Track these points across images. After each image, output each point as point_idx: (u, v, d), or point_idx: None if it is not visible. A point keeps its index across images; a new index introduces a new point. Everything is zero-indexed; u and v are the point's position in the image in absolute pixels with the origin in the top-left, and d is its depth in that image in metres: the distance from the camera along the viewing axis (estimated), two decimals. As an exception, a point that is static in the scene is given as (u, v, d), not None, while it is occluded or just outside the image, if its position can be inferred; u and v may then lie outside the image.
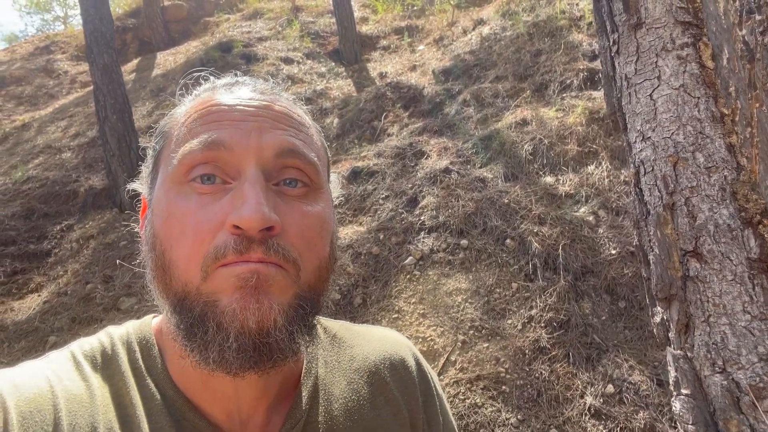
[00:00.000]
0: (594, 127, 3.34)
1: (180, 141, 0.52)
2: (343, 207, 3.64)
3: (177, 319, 0.48)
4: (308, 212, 0.51)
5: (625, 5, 0.70)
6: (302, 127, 0.54)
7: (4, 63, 10.62)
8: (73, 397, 0.49)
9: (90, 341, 0.56)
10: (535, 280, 2.58)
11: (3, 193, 5.24)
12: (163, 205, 0.50)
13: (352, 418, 0.60)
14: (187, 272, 0.47)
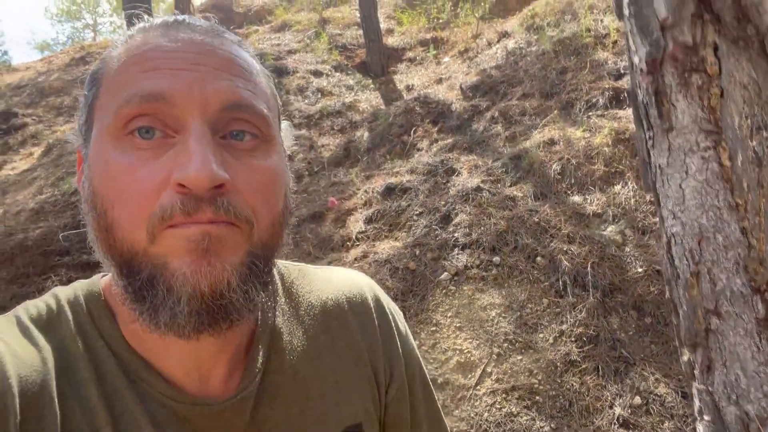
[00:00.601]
0: (620, 148, 3.50)
1: (115, 90, 0.48)
2: (379, 222, 3.84)
3: (124, 282, 0.46)
4: (260, 166, 0.49)
5: (659, 113, 0.88)
6: (249, 75, 0.51)
7: (42, 74, 11.07)
8: (22, 361, 0.47)
9: (36, 303, 0.54)
10: (566, 296, 2.76)
11: (53, 204, 5.56)
12: (100, 160, 0.47)
13: (311, 366, 0.60)
14: (131, 233, 0.45)
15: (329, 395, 0.60)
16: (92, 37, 23.79)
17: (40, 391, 0.47)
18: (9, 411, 0.44)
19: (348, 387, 0.62)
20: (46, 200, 5.64)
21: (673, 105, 0.85)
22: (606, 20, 5.45)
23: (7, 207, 5.75)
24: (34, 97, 9.88)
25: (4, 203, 5.95)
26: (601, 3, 5.82)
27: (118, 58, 0.50)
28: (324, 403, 0.59)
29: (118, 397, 0.50)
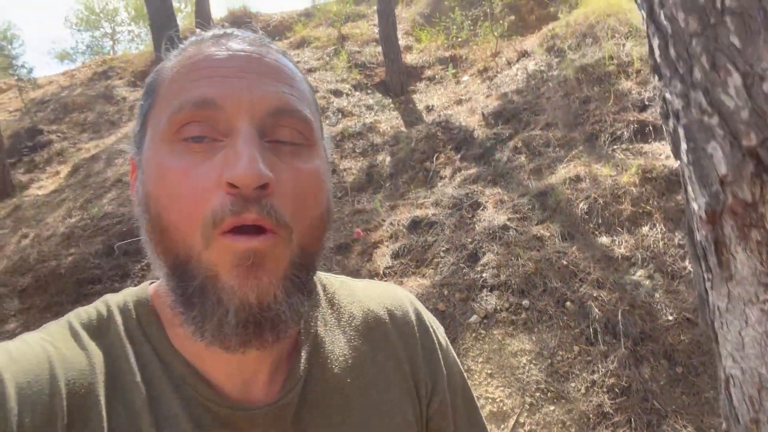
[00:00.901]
0: (647, 188, 3.52)
1: (169, 98, 0.51)
2: (406, 257, 3.90)
3: (175, 283, 0.48)
4: (303, 169, 0.51)
5: (719, 262, 0.92)
6: (294, 82, 0.54)
7: (65, 88, 11.27)
8: (71, 365, 0.50)
9: (87, 310, 0.56)
10: (596, 344, 2.79)
11: (83, 228, 5.68)
12: (155, 164, 0.50)
13: (352, 375, 0.61)
14: (188, 236, 0.47)
15: (370, 406, 0.61)
16: (111, 45, 24.06)
17: (87, 394, 0.49)
18: (57, 413, 0.46)
19: (389, 399, 0.62)
20: (76, 224, 5.76)
21: (732, 255, 0.90)
22: (628, 45, 5.46)
23: (38, 230, 5.89)
24: (57, 113, 10.06)
25: (34, 226, 6.09)
26: (622, 27, 5.82)
27: (172, 68, 0.53)
28: (365, 414, 0.60)
29: (163, 401, 0.51)
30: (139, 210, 0.52)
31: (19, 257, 5.42)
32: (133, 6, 22.02)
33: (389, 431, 0.60)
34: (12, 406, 0.44)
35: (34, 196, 7.25)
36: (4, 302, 4.76)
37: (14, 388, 0.46)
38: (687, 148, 0.99)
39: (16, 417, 0.44)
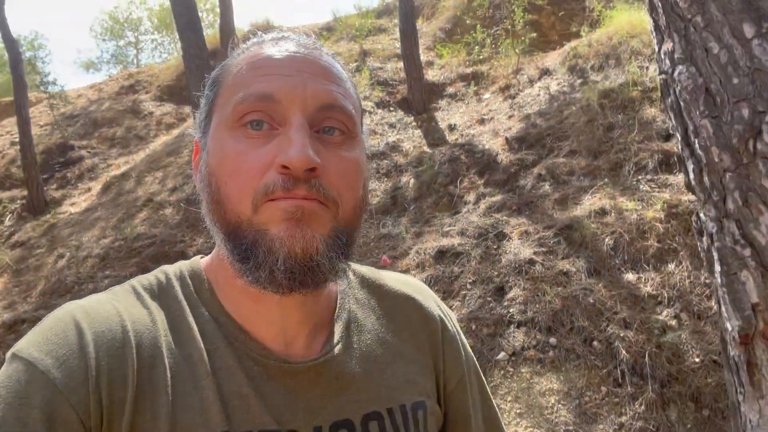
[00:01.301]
0: (673, 224, 3.56)
1: (233, 90, 0.59)
2: (433, 288, 3.98)
3: (231, 245, 0.56)
4: (346, 157, 0.58)
5: (751, 381, 1.01)
6: (341, 81, 0.61)
7: (93, 102, 11.56)
8: (138, 320, 0.58)
9: (147, 277, 0.65)
10: (624, 385, 2.86)
11: (117, 250, 5.87)
12: (218, 146, 0.58)
13: (382, 346, 0.69)
14: (240, 204, 0.55)
15: (398, 372, 0.68)
16: (134, 54, 24.49)
17: (153, 344, 0.57)
18: (128, 358, 0.54)
19: (413, 370, 0.70)
20: (110, 246, 5.96)
21: (764, 377, 0.98)
22: (651, 69, 5.48)
23: (74, 251, 6.10)
24: (87, 128, 10.33)
25: (70, 245, 6.30)
26: (645, 49, 5.84)
27: (236, 65, 0.61)
28: (394, 377, 0.67)
29: (218, 354, 0.59)
30: (201, 186, 0.61)
31: (57, 278, 5.63)
32: (157, 15, 22.41)
33: (415, 396, 0.68)
34: (91, 350, 0.53)
35: (68, 214, 7.49)
36: (45, 324, 4.96)
37: (92, 335, 0.54)
38: (721, 270, 1.07)
39: (94, 360, 0.53)
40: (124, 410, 0.53)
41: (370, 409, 0.64)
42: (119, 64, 23.94)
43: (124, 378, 0.54)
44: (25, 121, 8.19)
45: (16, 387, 0.50)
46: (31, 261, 6.36)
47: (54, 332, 0.54)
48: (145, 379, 0.55)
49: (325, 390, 0.62)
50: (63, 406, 0.50)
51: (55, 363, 0.51)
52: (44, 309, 5.15)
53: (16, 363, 0.52)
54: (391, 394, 0.66)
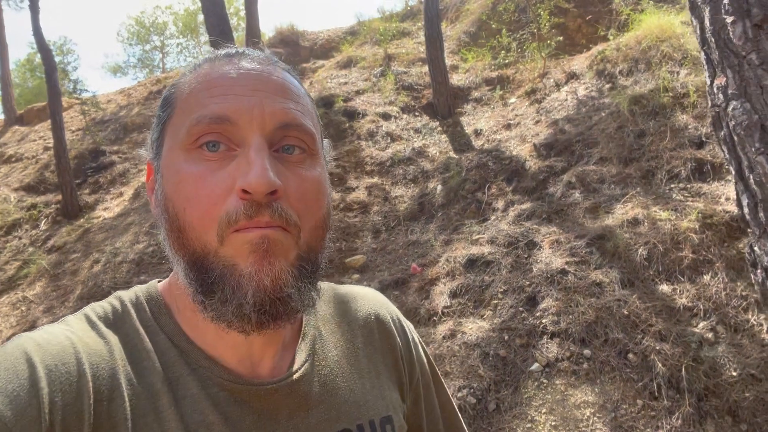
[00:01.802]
0: (708, 234, 3.53)
1: (187, 111, 0.57)
2: (464, 297, 4.01)
3: (194, 275, 0.54)
4: (306, 176, 0.58)
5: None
6: (299, 98, 0.60)
7: (123, 108, 11.82)
8: (93, 351, 0.55)
9: (101, 304, 0.62)
10: (660, 399, 2.85)
11: (151, 255, 6.01)
12: (173, 170, 0.56)
13: (349, 362, 0.70)
14: (204, 234, 0.53)
15: (366, 388, 0.69)
16: (160, 58, 24.88)
17: (110, 375, 0.54)
18: (84, 393, 0.52)
19: (380, 385, 0.72)
20: (144, 251, 6.10)
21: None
22: (682, 74, 5.42)
23: (109, 256, 6.26)
24: (118, 133, 10.56)
25: (105, 250, 6.47)
26: (675, 53, 5.78)
27: (189, 84, 0.59)
28: (362, 394, 0.69)
29: (181, 383, 0.57)
30: (157, 211, 0.59)
31: (93, 283, 5.79)
32: (182, 20, 22.75)
33: (382, 411, 0.70)
34: (43, 386, 0.49)
35: (101, 218, 7.68)
36: (84, 328, 5.11)
37: (44, 370, 0.50)
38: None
39: (47, 396, 0.49)
40: None
41: (341, 426, 0.65)
42: (145, 67, 24.37)
43: (80, 413, 0.51)
44: (59, 127, 8.42)
45: None
46: (68, 265, 6.55)
47: (3, 367, 0.50)
48: (103, 414, 0.52)
49: (294, 410, 0.62)
50: None
51: (3, 400, 0.48)
52: (82, 313, 5.31)
53: None
54: (359, 410, 0.67)
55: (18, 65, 26.34)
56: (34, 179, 9.48)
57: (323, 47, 11.49)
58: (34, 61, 26.20)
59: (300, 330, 0.69)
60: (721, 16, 1.11)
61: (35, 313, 5.69)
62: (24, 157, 10.54)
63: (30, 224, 8.23)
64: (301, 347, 0.67)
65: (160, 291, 0.65)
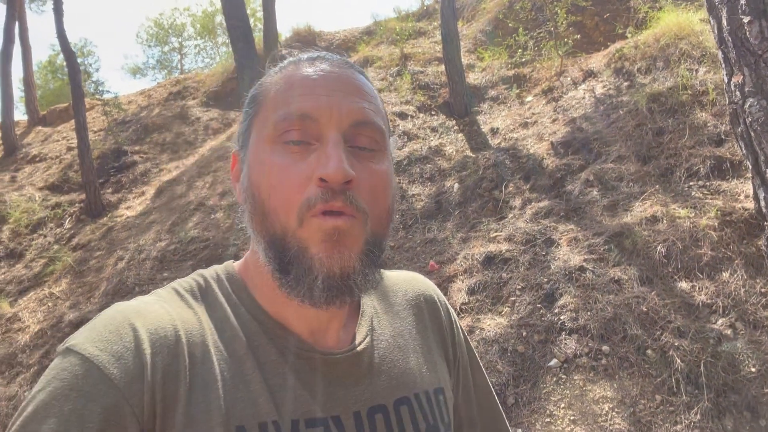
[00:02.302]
0: (727, 231, 3.54)
1: (273, 108, 0.64)
2: (482, 294, 4.06)
3: (273, 254, 0.60)
4: (376, 170, 0.64)
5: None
6: (372, 98, 0.66)
7: (144, 108, 12.02)
8: (185, 320, 0.62)
9: (186, 280, 0.69)
10: (679, 394, 2.87)
11: (173, 252, 6.14)
12: (259, 160, 0.63)
13: (403, 338, 0.77)
14: (286, 217, 0.59)
15: (420, 362, 0.76)
16: (178, 59, 25.17)
17: (201, 342, 0.61)
18: (180, 355, 0.58)
19: (432, 359, 0.78)
20: (167, 248, 6.23)
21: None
22: (701, 71, 5.40)
23: (132, 253, 6.40)
24: (139, 134, 10.75)
25: (128, 248, 6.61)
26: (694, 51, 5.75)
27: (274, 83, 0.67)
28: (417, 366, 0.75)
29: (261, 350, 0.64)
30: (243, 196, 0.66)
31: (118, 280, 5.93)
32: (200, 21, 23.01)
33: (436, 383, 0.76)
34: (146, 348, 0.56)
35: (124, 217, 7.84)
36: (109, 324, 5.25)
37: (146, 334, 0.57)
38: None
39: (149, 357, 0.56)
40: (177, 405, 0.56)
41: (400, 394, 0.70)
42: (164, 69, 24.69)
43: (177, 374, 0.57)
44: (82, 127, 8.60)
45: (72, 380, 0.52)
46: (92, 262, 6.71)
47: (108, 330, 0.56)
48: (197, 375, 0.58)
49: (359, 378, 0.68)
50: (119, 401, 0.52)
51: (110, 359, 0.53)
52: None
53: (71, 357, 0.54)
54: (415, 380, 0.73)
55: (39, 67, 26.82)
56: (58, 179, 9.70)
57: (340, 47, 11.58)
58: (55, 63, 26.67)
59: (358, 307, 0.76)
60: (738, 16, 1.15)
61: (62, 308, 5.84)
62: (48, 157, 10.78)
63: (54, 222, 8.43)
64: (362, 323, 0.74)
65: (237, 269, 0.72)
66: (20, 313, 6.00)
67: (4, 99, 11.72)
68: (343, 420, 0.64)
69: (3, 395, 4.77)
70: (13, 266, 7.53)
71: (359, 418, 0.66)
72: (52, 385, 0.52)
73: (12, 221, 8.42)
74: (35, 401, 0.52)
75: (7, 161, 11.15)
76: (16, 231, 8.28)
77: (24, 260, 7.55)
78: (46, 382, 0.53)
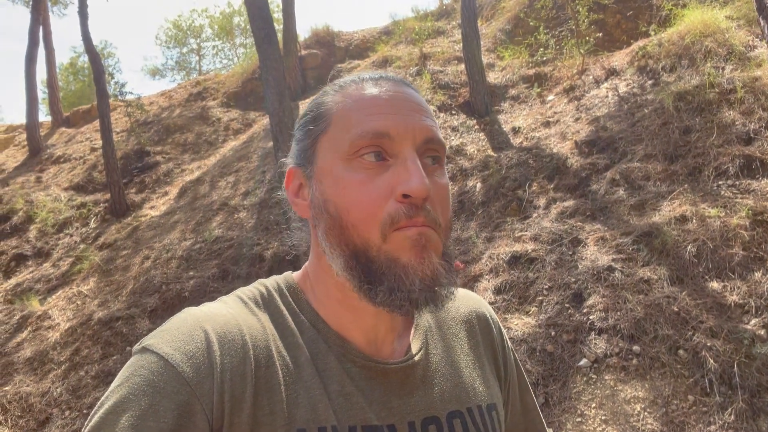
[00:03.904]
0: (759, 231, 3.50)
1: (346, 127, 0.66)
2: (508, 293, 4.06)
3: (359, 267, 0.62)
4: (441, 183, 0.67)
5: None
6: (432, 115, 0.70)
7: (165, 109, 12.17)
8: (251, 325, 0.65)
9: (249, 289, 0.72)
10: (712, 395, 2.86)
11: (198, 252, 6.22)
12: (335, 177, 0.65)
13: (456, 353, 0.78)
14: (368, 232, 0.61)
15: (473, 377, 0.77)
16: (197, 60, 25.39)
17: (265, 347, 0.63)
18: (247, 358, 0.61)
19: (484, 376, 0.79)
20: (192, 248, 6.31)
21: None
22: (727, 69, 5.34)
23: (158, 252, 6.50)
24: (161, 135, 10.89)
25: (154, 247, 6.71)
26: (720, 49, 5.69)
27: (338, 102, 0.69)
28: (470, 381, 0.76)
29: (320, 358, 0.66)
30: (315, 212, 0.68)
31: (145, 279, 6.03)
32: (218, 23, 23.20)
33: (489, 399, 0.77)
34: (216, 349, 0.59)
35: (149, 217, 7.96)
36: (137, 322, 5.35)
37: (216, 336, 0.60)
38: None
39: (219, 358, 0.59)
40: (243, 405, 0.58)
41: (453, 407, 0.72)
42: (182, 70, 24.94)
43: (244, 375, 0.60)
44: (107, 128, 8.75)
45: (149, 377, 0.55)
46: (119, 262, 6.83)
47: (181, 332, 0.60)
48: (262, 378, 0.61)
49: (413, 389, 0.70)
50: (191, 398, 0.55)
51: (184, 358, 0.57)
52: (135, 307, 5.54)
53: (147, 355, 0.58)
54: (468, 395, 0.74)
55: (61, 69, 27.29)
56: (83, 179, 9.87)
57: (358, 47, 11.62)
58: (76, 65, 27.07)
59: (413, 319, 0.78)
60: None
61: (90, 306, 5.96)
62: (72, 157, 10.98)
63: (80, 222, 8.58)
64: (416, 336, 0.76)
65: (296, 280, 0.75)
66: (50, 311, 6.13)
67: (30, 101, 11.95)
68: (398, 429, 0.66)
69: (36, 391, 4.88)
70: (40, 265, 7.68)
71: (414, 428, 0.67)
72: (131, 381, 0.56)
73: (39, 221, 8.60)
74: (115, 395, 0.55)
75: (32, 162, 11.37)
76: (42, 230, 8.44)
77: (51, 259, 7.70)
78: (124, 378, 0.57)
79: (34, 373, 5.16)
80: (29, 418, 4.61)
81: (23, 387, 4.96)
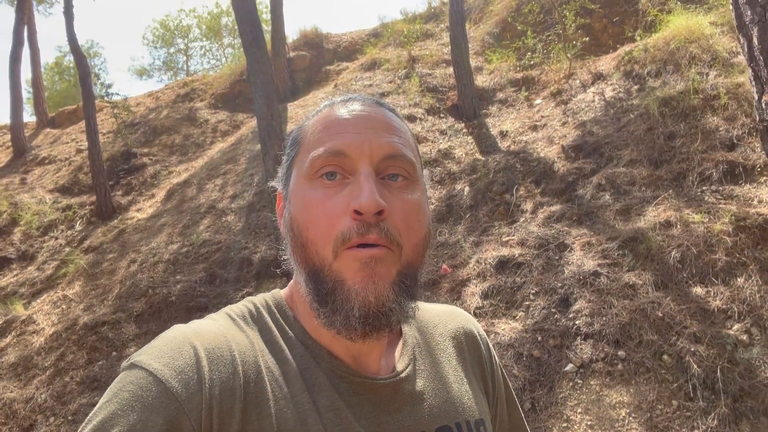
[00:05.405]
0: (741, 237, 3.55)
1: (310, 148, 0.68)
2: (495, 298, 4.09)
3: (312, 286, 0.64)
4: (408, 200, 0.67)
5: None
6: (401, 132, 0.70)
7: (152, 111, 12.07)
8: (239, 342, 0.65)
9: (238, 306, 0.73)
10: (695, 400, 2.90)
11: (186, 255, 6.18)
12: (298, 195, 0.68)
13: (444, 369, 0.79)
14: (322, 250, 0.63)
15: (461, 392, 0.78)
16: (184, 60, 25.23)
17: (253, 362, 0.64)
18: (235, 373, 0.61)
19: (472, 391, 0.80)
20: (179, 251, 6.27)
21: None
22: (711, 75, 5.41)
23: (145, 256, 6.45)
24: (148, 136, 10.80)
25: (141, 251, 6.66)
26: (704, 55, 5.76)
27: (312, 125, 0.72)
28: (459, 397, 0.77)
29: (309, 373, 0.67)
30: (285, 230, 0.70)
31: (131, 283, 5.97)
32: (206, 23, 23.05)
33: (476, 414, 0.77)
34: (204, 365, 0.59)
35: (135, 219, 7.89)
36: (123, 327, 5.30)
37: (204, 352, 0.61)
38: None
39: (207, 373, 0.59)
40: (232, 420, 0.59)
41: (442, 423, 0.72)
42: (170, 70, 24.76)
43: (233, 391, 0.60)
44: (93, 130, 8.66)
45: (137, 392, 0.56)
46: (105, 265, 6.76)
47: (170, 347, 0.60)
48: (251, 393, 0.61)
49: (401, 405, 0.70)
50: (179, 414, 0.55)
51: (173, 374, 0.57)
52: (122, 312, 5.49)
53: (136, 371, 0.58)
54: (457, 410, 0.75)
55: (46, 69, 26.94)
56: (68, 181, 9.76)
57: (347, 49, 11.61)
58: (61, 65, 26.77)
59: (399, 337, 0.79)
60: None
61: (76, 311, 5.89)
62: (57, 159, 10.85)
63: (65, 225, 8.49)
64: (404, 352, 0.77)
65: (284, 297, 0.76)
66: (34, 316, 6.06)
67: (14, 101, 11.80)
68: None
69: (20, 397, 4.82)
70: (25, 268, 7.59)
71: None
72: (119, 396, 0.56)
73: (23, 223, 8.49)
74: (103, 411, 0.55)
75: (17, 163, 11.22)
76: (27, 233, 8.34)
77: (36, 262, 7.61)
78: (113, 394, 0.57)
79: (18, 379, 5.10)
80: (13, 424, 4.55)
81: (7, 393, 4.89)
